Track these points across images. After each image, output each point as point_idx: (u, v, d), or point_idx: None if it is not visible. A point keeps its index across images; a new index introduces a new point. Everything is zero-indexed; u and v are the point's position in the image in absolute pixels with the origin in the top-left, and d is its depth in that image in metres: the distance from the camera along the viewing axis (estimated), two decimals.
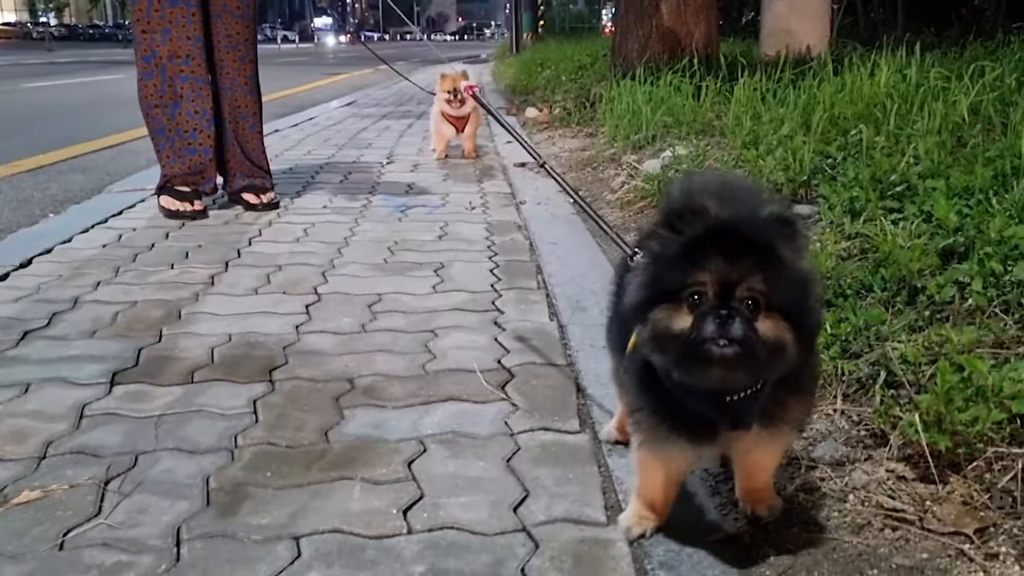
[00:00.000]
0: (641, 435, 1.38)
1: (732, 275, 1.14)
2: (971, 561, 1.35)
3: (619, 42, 7.58)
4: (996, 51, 5.50)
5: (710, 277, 1.15)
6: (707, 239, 1.17)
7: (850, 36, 7.91)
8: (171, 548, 1.44)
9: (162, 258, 3.25)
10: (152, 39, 3.81)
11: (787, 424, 1.33)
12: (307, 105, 10.10)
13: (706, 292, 1.16)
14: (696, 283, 1.16)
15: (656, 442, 1.35)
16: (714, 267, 1.15)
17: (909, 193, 2.80)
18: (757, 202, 1.24)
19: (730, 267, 1.14)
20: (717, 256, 1.15)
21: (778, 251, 1.16)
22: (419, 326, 2.53)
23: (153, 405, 1.99)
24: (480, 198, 4.46)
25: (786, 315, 1.15)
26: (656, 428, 1.33)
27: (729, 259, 1.15)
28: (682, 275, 1.17)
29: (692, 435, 1.32)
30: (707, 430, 1.30)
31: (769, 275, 1.14)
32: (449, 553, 1.43)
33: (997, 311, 2.02)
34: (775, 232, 1.17)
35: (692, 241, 1.18)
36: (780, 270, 1.15)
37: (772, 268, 1.15)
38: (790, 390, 1.28)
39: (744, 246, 1.16)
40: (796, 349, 1.17)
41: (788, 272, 1.16)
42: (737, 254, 1.15)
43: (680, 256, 1.18)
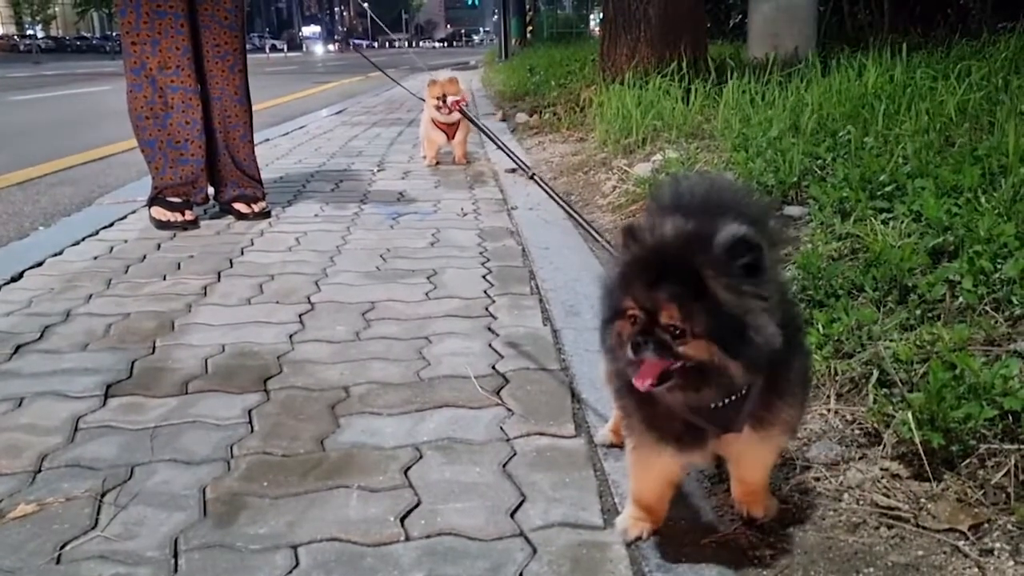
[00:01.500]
0: (634, 440, 1.39)
1: (650, 303, 1.18)
2: (966, 557, 1.36)
3: (608, 46, 7.58)
4: (982, 50, 5.53)
5: (634, 303, 1.19)
6: (640, 264, 1.21)
7: (837, 37, 7.95)
8: (169, 559, 1.44)
9: (154, 269, 3.25)
10: (141, 51, 3.80)
11: (777, 427, 1.34)
12: (297, 114, 10.10)
13: (636, 315, 1.20)
14: (628, 306, 1.20)
15: (647, 447, 1.36)
16: (637, 294, 1.19)
17: (898, 193, 2.81)
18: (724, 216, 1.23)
19: (649, 295, 1.18)
20: (642, 283, 1.19)
21: (704, 279, 1.15)
22: (413, 333, 2.53)
23: (148, 417, 1.99)
24: (472, 204, 4.46)
25: (710, 339, 1.16)
26: (646, 434, 1.34)
27: (650, 287, 1.18)
28: (620, 297, 1.22)
29: (680, 441, 1.32)
30: (696, 436, 1.31)
31: (688, 305, 1.16)
32: (447, 559, 1.44)
33: (987, 309, 2.04)
34: (714, 261, 1.16)
35: (628, 264, 1.23)
36: (703, 300, 1.15)
37: (693, 298, 1.15)
38: (779, 394, 1.29)
39: (667, 274, 1.17)
40: (738, 367, 1.17)
41: (714, 301, 1.15)
42: (658, 283, 1.17)
43: (620, 277, 1.24)
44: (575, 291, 2.89)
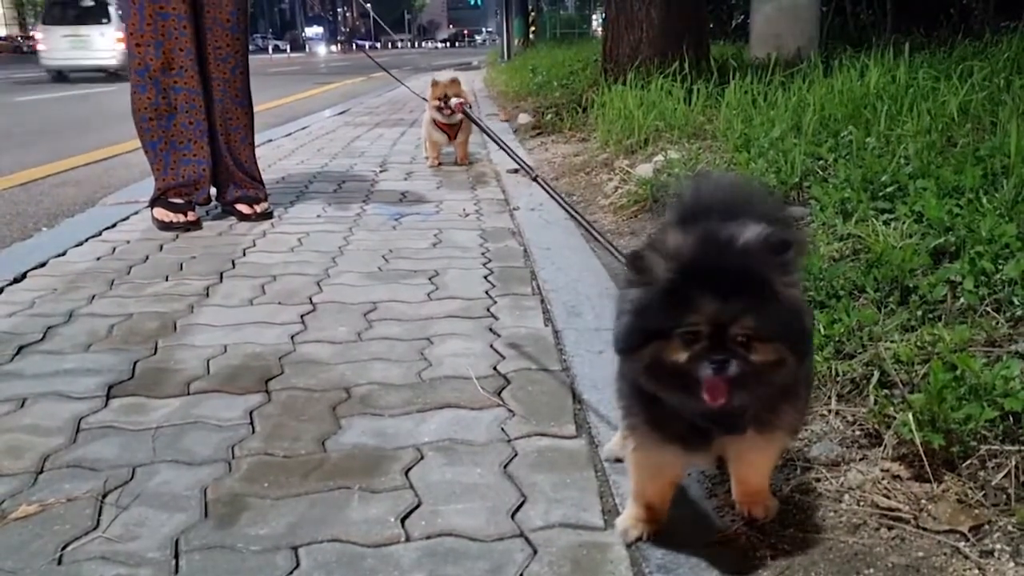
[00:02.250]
0: (636, 441, 1.39)
1: (724, 316, 1.15)
2: (966, 559, 1.36)
3: (610, 47, 7.59)
4: (985, 50, 5.52)
5: (703, 319, 1.15)
6: (698, 279, 1.17)
7: (839, 38, 7.95)
8: (169, 560, 1.44)
9: (156, 270, 3.25)
10: (145, 52, 3.81)
11: (781, 428, 1.34)
12: (300, 114, 10.12)
13: (700, 331, 1.16)
14: (689, 324, 1.16)
15: (651, 448, 1.36)
16: (706, 309, 1.15)
17: (900, 194, 2.82)
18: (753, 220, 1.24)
19: (722, 308, 1.15)
20: (709, 297, 1.15)
21: (770, 284, 1.17)
22: (415, 334, 2.53)
23: (150, 417, 1.99)
24: (474, 205, 4.47)
25: (780, 340, 1.17)
26: (650, 435, 1.34)
27: (721, 300, 1.15)
28: (674, 316, 1.17)
29: (686, 442, 1.32)
30: (701, 437, 1.30)
31: (761, 312, 1.15)
32: (448, 560, 1.44)
33: (989, 310, 2.04)
34: (767, 261, 1.17)
35: (682, 284, 1.17)
36: (772, 303, 1.16)
37: (764, 304, 1.16)
38: (783, 395, 1.29)
39: (735, 285, 1.16)
40: (791, 367, 1.19)
41: (780, 303, 1.17)
42: (728, 294, 1.15)
43: (671, 295, 1.18)
44: (577, 292, 2.89)
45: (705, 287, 1.16)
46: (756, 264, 1.17)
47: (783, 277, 1.18)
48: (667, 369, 1.18)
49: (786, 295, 1.18)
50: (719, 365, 1.15)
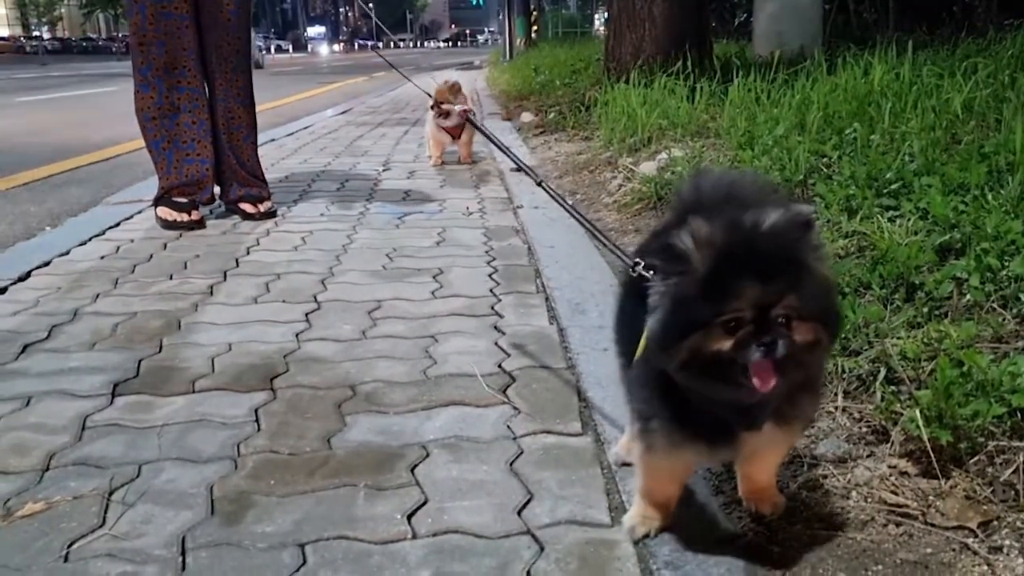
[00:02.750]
0: (654, 440, 1.37)
1: (767, 299, 1.14)
2: (975, 555, 1.36)
3: (612, 45, 7.59)
4: (988, 48, 5.51)
5: (747, 304, 1.15)
6: (735, 264, 1.16)
7: (843, 36, 7.94)
8: (176, 557, 1.44)
9: (160, 269, 3.25)
10: (149, 51, 3.81)
11: (798, 420, 1.34)
12: (302, 114, 10.11)
13: (743, 316, 1.15)
14: (732, 311, 1.15)
15: (672, 447, 1.34)
16: (749, 294, 1.14)
17: (905, 191, 2.81)
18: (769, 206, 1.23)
19: (764, 291, 1.14)
20: (749, 282, 1.14)
21: (805, 260, 1.18)
22: (419, 332, 2.53)
23: (155, 415, 1.99)
24: (477, 203, 4.46)
25: (817, 319, 1.18)
26: (673, 434, 1.32)
27: (762, 283, 1.14)
28: (715, 305, 1.16)
29: (710, 439, 1.31)
30: (725, 433, 1.30)
31: (800, 291, 1.15)
32: (454, 557, 1.44)
33: (995, 306, 2.03)
34: (801, 242, 1.18)
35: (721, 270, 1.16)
36: (809, 280, 1.17)
37: (802, 281, 1.16)
38: (802, 389, 1.29)
39: (772, 266, 1.15)
40: (827, 347, 1.21)
41: (815, 279, 1.18)
42: (768, 276, 1.15)
43: (708, 284, 1.16)
44: (581, 289, 2.89)
45: (743, 272, 1.15)
46: (789, 244, 1.17)
47: (814, 254, 1.18)
48: (708, 360, 1.17)
49: (820, 272, 1.18)
50: (768, 347, 1.14)
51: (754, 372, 1.16)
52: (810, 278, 1.17)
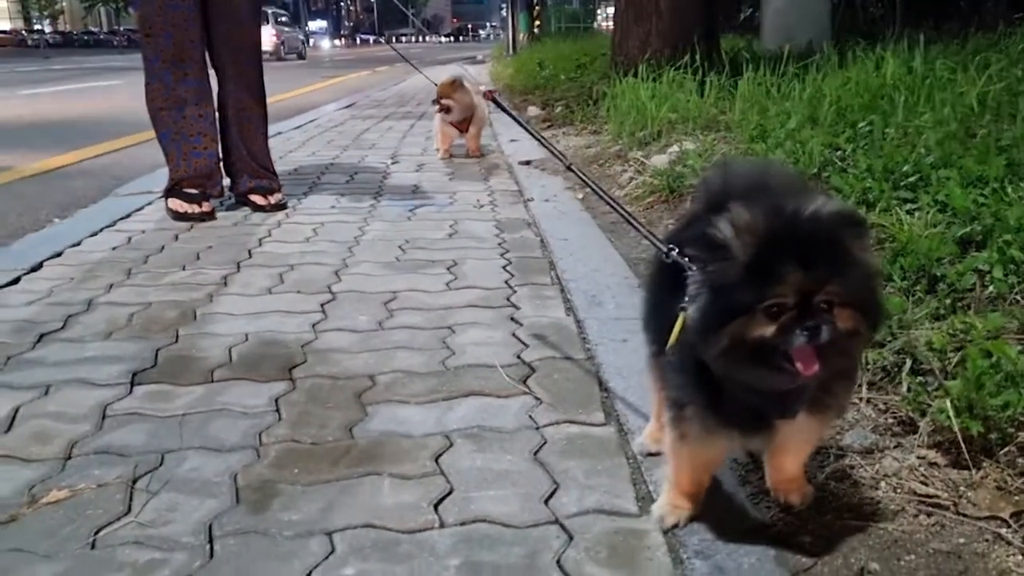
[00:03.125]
0: (687, 428, 1.36)
1: (810, 285, 1.15)
2: (1009, 545, 1.35)
3: (619, 40, 7.57)
4: (998, 43, 5.49)
5: (790, 289, 1.15)
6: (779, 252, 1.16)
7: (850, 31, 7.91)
8: (204, 545, 1.44)
9: (173, 260, 3.24)
10: (156, 43, 3.80)
11: (833, 409, 1.33)
12: (306, 108, 10.08)
13: (786, 302, 1.15)
14: (776, 296, 1.15)
15: (707, 434, 1.34)
16: (793, 280, 1.15)
17: (922, 183, 2.80)
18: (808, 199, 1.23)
19: (807, 277, 1.15)
20: (795, 269, 1.15)
21: (849, 251, 1.18)
22: (436, 323, 2.52)
23: (175, 404, 1.99)
24: (488, 196, 4.45)
25: (858, 307, 1.18)
26: (708, 421, 1.32)
27: (805, 269, 1.15)
28: (758, 291, 1.16)
29: (744, 426, 1.31)
30: (759, 421, 1.30)
31: (844, 276, 1.16)
32: (483, 546, 1.43)
33: (1018, 298, 2.02)
34: (843, 231, 1.18)
35: (764, 256, 1.16)
36: (852, 269, 1.17)
37: (845, 268, 1.16)
38: (838, 375, 1.28)
39: (816, 253, 1.16)
40: (868, 335, 1.21)
41: (859, 269, 1.19)
42: (811, 263, 1.15)
43: (751, 270, 1.16)
44: (596, 282, 2.88)
45: (786, 258, 1.15)
46: (832, 232, 1.17)
47: (858, 243, 1.19)
48: (751, 346, 1.17)
49: (863, 261, 1.19)
50: (812, 332, 1.14)
51: (797, 357, 1.16)
52: (853, 266, 1.17)
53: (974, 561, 1.33)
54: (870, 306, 1.21)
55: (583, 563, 1.38)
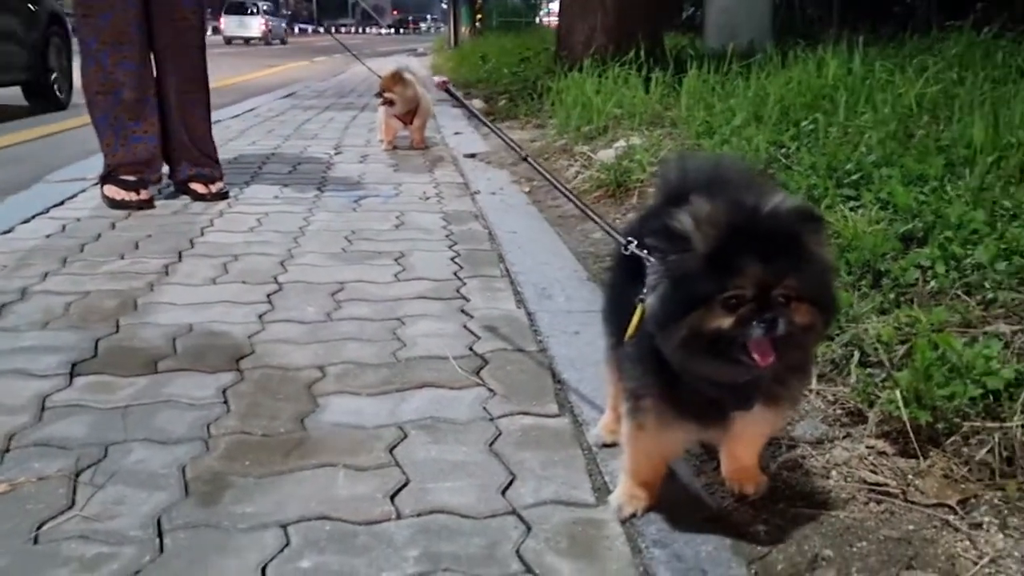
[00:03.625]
0: (644, 418, 1.37)
1: (768, 278, 1.16)
2: (957, 531, 1.39)
3: (564, 35, 7.60)
4: (932, 47, 5.66)
5: (749, 282, 1.16)
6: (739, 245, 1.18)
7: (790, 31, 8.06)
8: (153, 539, 1.39)
9: (111, 248, 3.15)
10: (94, 24, 3.68)
11: (787, 401, 1.35)
12: (244, 96, 9.88)
13: (744, 294, 1.17)
14: (735, 288, 1.17)
15: (664, 426, 1.35)
16: (752, 273, 1.16)
17: (864, 181, 2.86)
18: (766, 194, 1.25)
19: (766, 270, 1.16)
20: (754, 262, 1.16)
21: (807, 246, 1.20)
22: (385, 314, 2.50)
23: (118, 396, 1.93)
24: (434, 188, 4.42)
25: (814, 302, 1.20)
26: (665, 412, 1.33)
27: (764, 263, 1.16)
28: (717, 283, 1.17)
29: (700, 418, 1.33)
30: (716, 412, 1.31)
31: (802, 272, 1.18)
32: (441, 537, 1.42)
33: (959, 293, 2.08)
34: (802, 227, 1.20)
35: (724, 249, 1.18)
36: (809, 265, 1.19)
37: (803, 265, 1.18)
38: (792, 369, 1.30)
39: (775, 247, 1.17)
40: (822, 329, 1.23)
41: (816, 265, 1.21)
42: (770, 256, 1.17)
43: (711, 262, 1.18)
44: (546, 275, 2.88)
45: (746, 251, 1.16)
46: (792, 227, 1.19)
47: (815, 239, 1.20)
48: (708, 337, 1.18)
49: (821, 257, 1.21)
50: (769, 325, 1.15)
51: (753, 349, 1.17)
52: (810, 261, 1.19)
53: (923, 547, 1.37)
54: (826, 301, 1.23)
55: (543, 553, 1.37)
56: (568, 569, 1.34)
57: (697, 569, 1.33)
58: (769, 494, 1.53)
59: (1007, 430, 1.53)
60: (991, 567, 1.30)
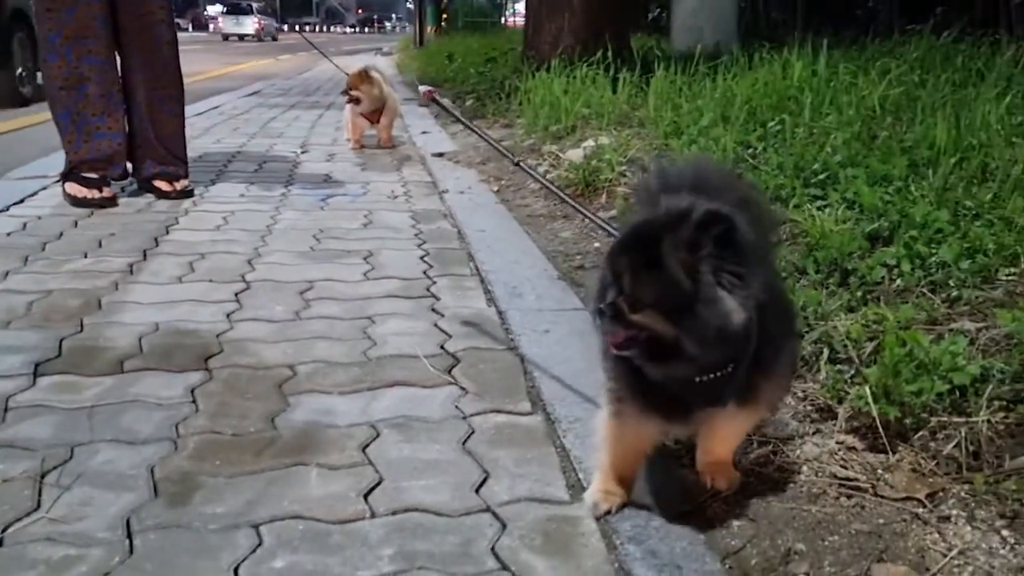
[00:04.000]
0: (617, 415, 1.39)
1: (616, 271, 1.25)
2: (926, 524, 1.41)
3: (531, 35, 7.61)
4: (893, 50, 5.75)
5: (609, 271, 1.27)
6: (619, 236, 1.31)
7: (754, 34, 8.15)
8: (122, 540, 1.37)
9: (74, 247, 3.09)
10: (57, 18, 3.62)
11: (761, 404, 1.37)
12: (208, 94, 9.75)
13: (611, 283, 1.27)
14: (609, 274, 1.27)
15: (636, 422, 1.37)
16: (610, 262, 1.27)
17: (830, 181, 2.90)
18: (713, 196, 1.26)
19: (615, 264, 1.26)
20: (614, 252, 1.28)
21: (662, 253, 1.19)
22: (355, 313, 2.48)
23: (83, 396, 1.89)
24: (402, 187, 4.41)
25: (662, 311, 1.21)
26: (631, 405, 1.35)
27: (617, 257, 1.26)
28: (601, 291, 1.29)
29: (666, 413, 1.34)
30: (681, 409, 1.33)
31: (638, 275, 1.22)
32: (416, 535, 1.41)
33: (924, 291, 2.11)
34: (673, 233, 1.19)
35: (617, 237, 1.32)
36: (656, 272, 1.20)
37: (646, 270, 1.21)
38: (765, 373, 1.32)
39: (630, 246, 1.27)
40: (689, 341, 1.20)
41: (666, 274, 1.19)
42: (622, 253, 1.26)
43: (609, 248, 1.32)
44: (516, 273, 2.88)
45: (617, 245, 1.30)
46: (660, 235, 1.20)
47: (688, 254, 1.18)
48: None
49: (674, 270, 1.18)
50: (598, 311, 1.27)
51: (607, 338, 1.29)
52: (665, 272, 1.19)
53: (894, 540, 1.38)
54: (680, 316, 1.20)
55: (518, 550, 1.37)
56: (543, 566, 1.34)
57: (672, 565, 1.34)
58: (742, 489, 1.54)
59: (973, 425, 1.56)
60: (960, 559, 1.32)
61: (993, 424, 1.57)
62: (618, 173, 3.88)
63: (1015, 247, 2.20)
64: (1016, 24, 6.79)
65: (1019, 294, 2.05)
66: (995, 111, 3.29)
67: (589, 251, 3.23)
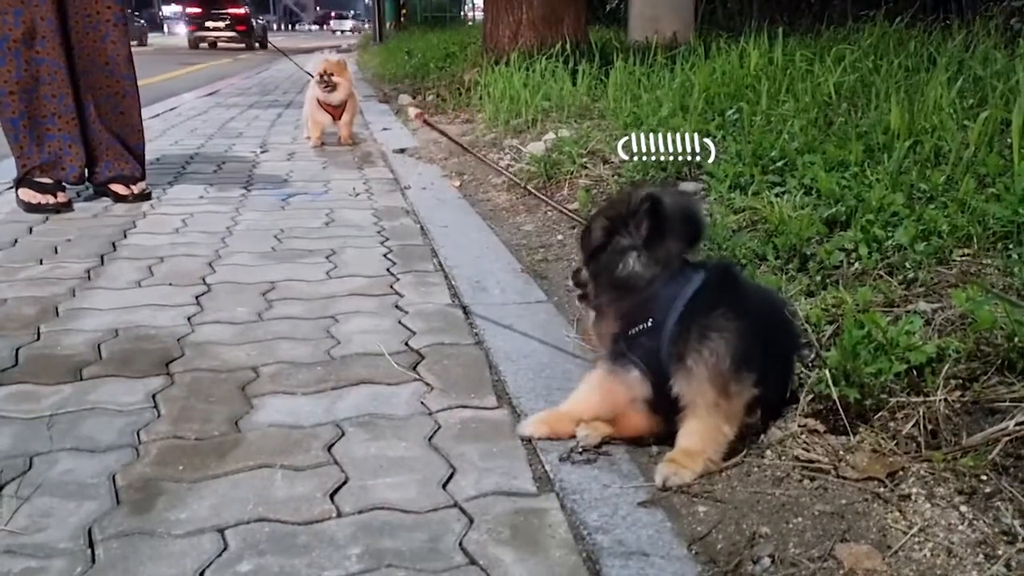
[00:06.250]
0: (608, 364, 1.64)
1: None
2: (887, 503, 1.43)
3: (490, 29, 7.59)
4: (847, 37, 5.81)
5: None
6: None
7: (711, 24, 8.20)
8: (84, 550, 1.35)
9: (28, 254, 3.04)
10: (4, 21, 3.54)
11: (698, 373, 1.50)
12: (165, 95, 9.63)
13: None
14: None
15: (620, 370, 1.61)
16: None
17: (788, 168, 2.93)
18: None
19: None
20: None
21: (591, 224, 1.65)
22: (318, 312, 2.46)
23: (42, 405, 1.86)
24: (363, 184, 4.38)
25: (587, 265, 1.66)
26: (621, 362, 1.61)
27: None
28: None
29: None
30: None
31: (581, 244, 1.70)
32: (383, 533, 1.40)
33: (882, 273, 2.14)
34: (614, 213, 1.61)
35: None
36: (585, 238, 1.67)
37: (583, 238, 1.68)
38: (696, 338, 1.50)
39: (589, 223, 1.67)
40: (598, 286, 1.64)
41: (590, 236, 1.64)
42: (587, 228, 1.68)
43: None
44: (480, 268, 2.88)
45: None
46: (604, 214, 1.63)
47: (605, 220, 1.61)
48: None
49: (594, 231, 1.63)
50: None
51: None
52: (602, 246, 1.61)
53: (856, 520, 1.40)
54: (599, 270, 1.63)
55: (486, 544, 1.37)
56: (511, 558, 1.34)
57: (639, 553, 1.35)
58: (706, 475, 1.55)
59: (930, 404, 1.58)
60: (920, 536, 1.34)
61: (950, 403, 1.59)
62: (579, 165, 3.88)
63: (968, 228, 2.24)
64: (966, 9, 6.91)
65: (973, 274, 2.08)
66: (947, 95, 3.34)
67: (552, 244, 3.24)
